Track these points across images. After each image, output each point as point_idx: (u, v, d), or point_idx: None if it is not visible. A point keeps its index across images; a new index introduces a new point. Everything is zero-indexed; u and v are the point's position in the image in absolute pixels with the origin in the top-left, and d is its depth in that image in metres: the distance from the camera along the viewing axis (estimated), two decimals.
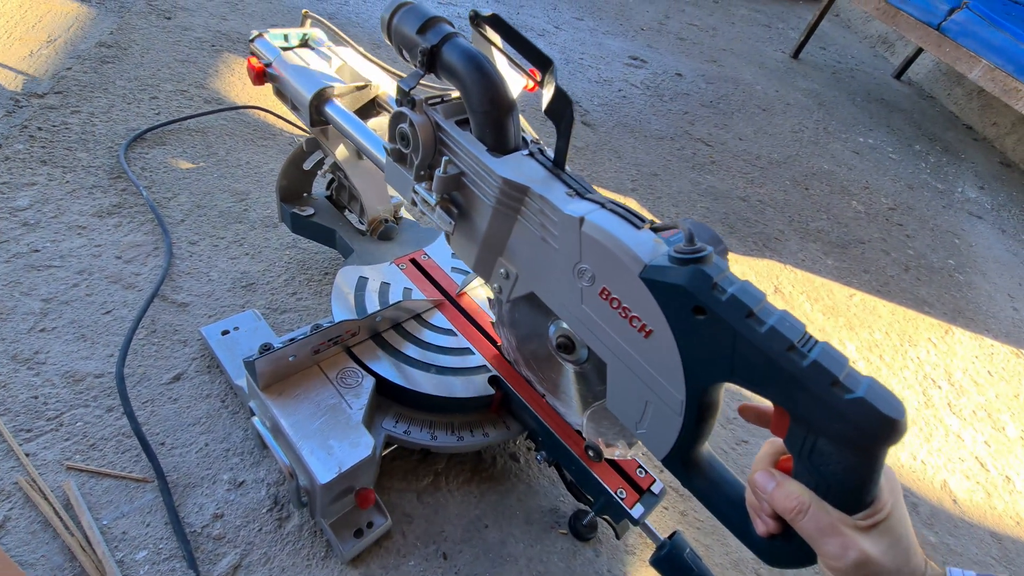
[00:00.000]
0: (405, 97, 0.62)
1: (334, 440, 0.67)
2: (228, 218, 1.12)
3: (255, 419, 0.68)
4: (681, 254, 0.44)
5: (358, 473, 0.67)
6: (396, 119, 0.64)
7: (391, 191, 0.98)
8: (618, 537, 0.77)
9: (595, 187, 0.56)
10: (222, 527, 0.70)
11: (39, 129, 1.17)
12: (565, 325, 0.61)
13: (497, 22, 0.59)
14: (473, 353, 0.82)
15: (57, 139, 1.16)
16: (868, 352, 1.33)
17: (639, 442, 0.64)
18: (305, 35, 0.93)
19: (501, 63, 0.64)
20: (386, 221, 0.98)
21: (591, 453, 0.69)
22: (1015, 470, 1.16)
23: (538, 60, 0.54)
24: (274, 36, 0.90)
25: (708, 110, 2.21)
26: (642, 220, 0.50)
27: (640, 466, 0.74)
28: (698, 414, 0.48)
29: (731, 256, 1.49)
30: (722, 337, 0.42)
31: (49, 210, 1.02)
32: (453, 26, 0.62)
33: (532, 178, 0.56)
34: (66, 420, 0.75)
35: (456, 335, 0.84)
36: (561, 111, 0.53)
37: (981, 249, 1.89)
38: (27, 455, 0.70)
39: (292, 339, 0.70)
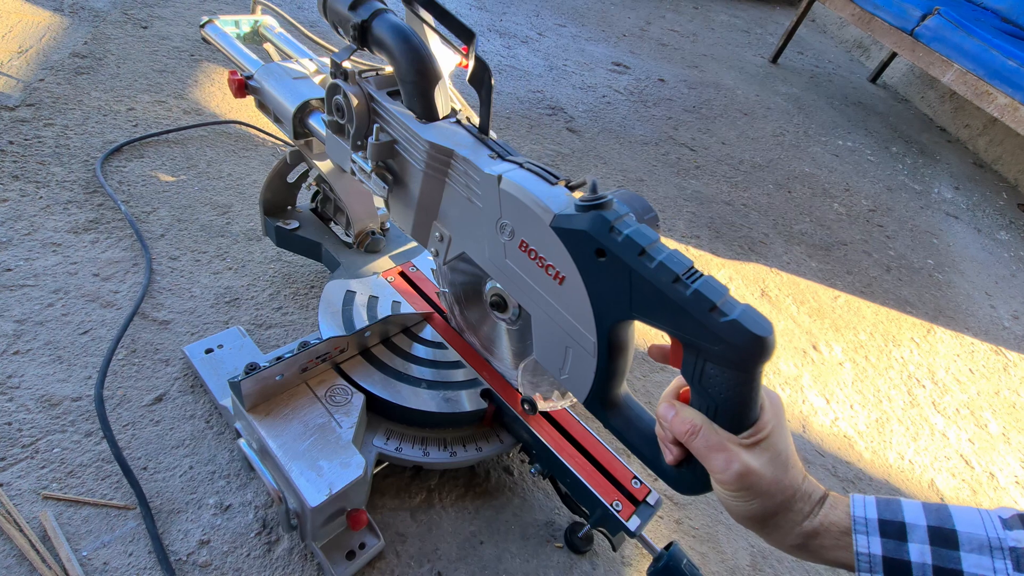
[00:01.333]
0: (339, 69, 0.66)
1: (324, 461, 0.65)
2: (210, 232, 1.09)
3: (241, 441, 0.66)
4: (584, 202, 0.48)
5: (349, 494, 0.65)
6: (332, 91, 0.68)
7: (378, 202, 0.96)
8: (615, 549, 0.76)
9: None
10: (208, 554, 0.67)
11: (10, 143, 1.13)
12: (497, 284, 0.65)
13: (425, 0, 0.63)
14: (464, 366, 0.81)
15: (29, 153, 1.13)
16: (854, 353, 1.35)
17: (568, 391, 0.66)
18: (257, 22, 0.94)
19: (434, 41, 0.69)
20: (373, 233, 0.97)
21: (526, 407, 0.71)
22: (998, 466, 1.18)
23: (461, 32, 0.59)
24: (224, 22, 0.91)
25: (691, 115, 2.23)
26: (556, 177, 0.54)
27: (635, 477, 0.73)
28: (610, 353, 0.52)
29: (718, 259, 1.51)
30: (621, 275, 0.46)
31: (22, 227, 0.98)
32: (384, 3, 0.65)
33: (457, 143, 0.60)
34: (42, 447, 0.72)
35: (447, 348, 0.83)
36: (481, 78, 0.57)
37: (958, 248, 1.93)
38: (1, 485, 0.67)
39: (279, 357, 0.68)
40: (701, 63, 2.75)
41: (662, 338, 0.46)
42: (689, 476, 0.50)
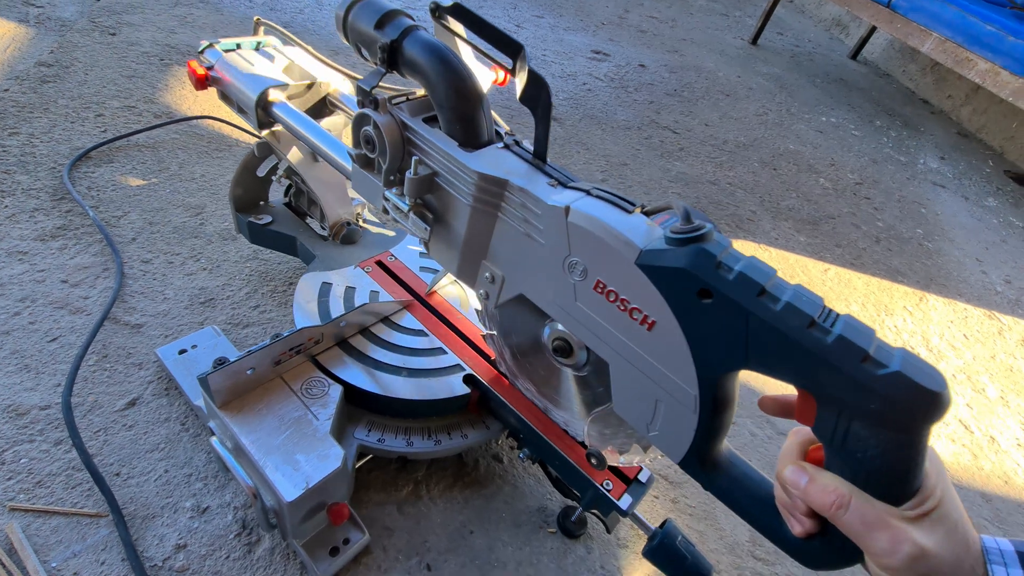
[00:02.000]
0: (367, 97, 0.58)
1: (300, 454, 0.63)
2: (183, 233, 1.07)
3: (214, 439, 0.64)
4: (679, 234, 0.41)
5: (328, 487, 0.63)
6: (359, 122, 0.60)
7: (352, 193, 0.94)
8: (608, 531, 0.74)
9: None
10: (186, 558, 0.65)
11: None
12: (560, 326, 0.57)
13: (460, 11, 0.56)
14: (446, 352, 0.78)
15: None
16: None
17: (652, 446, 0.60)
18: (260, 43, 0.89)
19: (467, 55, 0.60)
20: (348, 224, 0.95)
21: (593, 461, 0.64)
22: (998, 430, 1.16)
23: (507, 46, 0.51)
24: (225, 45, 0.86)
25: (673, 99, 2.22)
26: (632, 204, 0.47)
27: None
28: (713, 409, 0.44)
29: None
30: (733, 320, 0.39)
31: None
32: (413, 19, 0.58)
33: (510, 171, 0.52)
34: (8, 458, 0.69)
35: (428, 335, 0.80)
36: (536, 96, 0.50)
37: (947, 217, 1.92)
38: None
39: (250, 352, 0.66)
40: (681, 47, 2.74)
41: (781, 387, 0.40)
42: (824, 549, 0.42)
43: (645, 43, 2.68)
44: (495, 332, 0.67)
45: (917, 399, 0.33)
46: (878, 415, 0.34)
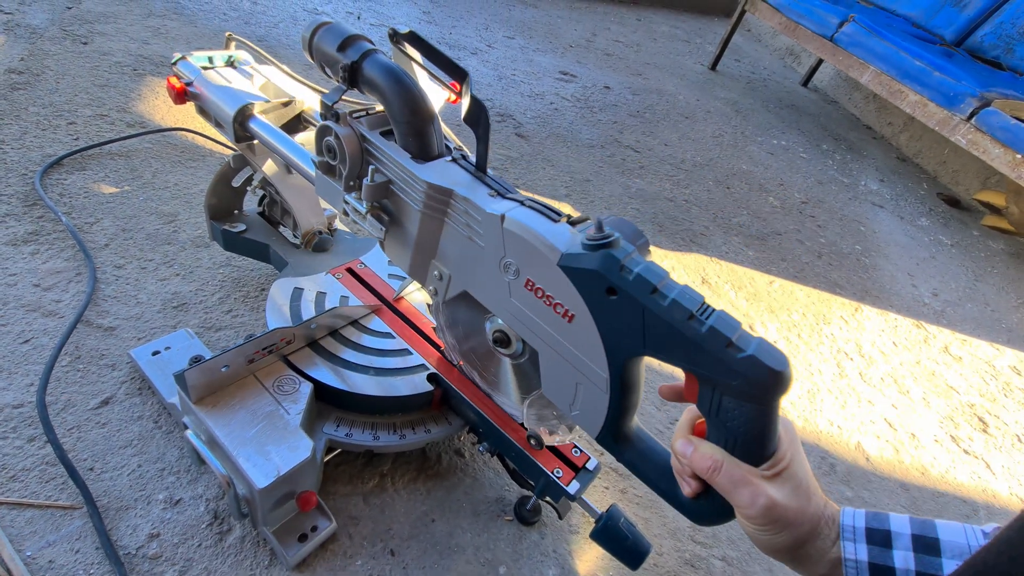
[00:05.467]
0: (329, 111, 0.65)
1: (271, 446, 0.67)
2: (156, 240, 1.10)
3: (189, 432, 0.68)
4: (592, 240, 0.48)
5: (298, 477, 0.67)
6: (322, 132, 0.67)
7: (324, 203, 0.99)
8: (560, 517, 0.81)
9: (531, 194, 0.60)
10: (159, 546, 0.68)
11: None
12: (500, 320, 0.65)
13: (414, 38, 0.63)
14: (411, 353, 0.84)
15: None
16: (788, 332, 1.44)
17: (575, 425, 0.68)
18: (231, 56, 0.94)
19: (422, 78, 0.68)
20: (320, 233, 1.00)
21: (533, 442, 0.73)
22: (918, 427, 1.28)
23: (454, 71, 0.58)
24: (198, 59, 0.91)
25: (635, 119, 2.34)
26: (559, 214, 0.54)
27: (575, 446, 0.78)
28: (622, 389, 0.52)
29: (661, 251, 1.59)
30: (633, 313, 0.46)
31: None
32: (372, 43, 0.65)
33: (456, 182, 0.59)
34: None
35: (394, 337, 0.86)
36: (478, 117, 0.56)
37: (883, 235, 2.08)
38: None
39: (225, 350, 0.70)
40: (644, 71, 2.88)
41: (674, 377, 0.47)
42: (708, 507, 0.49)
43: (611, 66, 2.81)
44: (444, 325, 0.74)
45: (767, 377, 0.41)
46: (740, 390, 0.42)
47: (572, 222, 0.54)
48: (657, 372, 1.15)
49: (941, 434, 1.29)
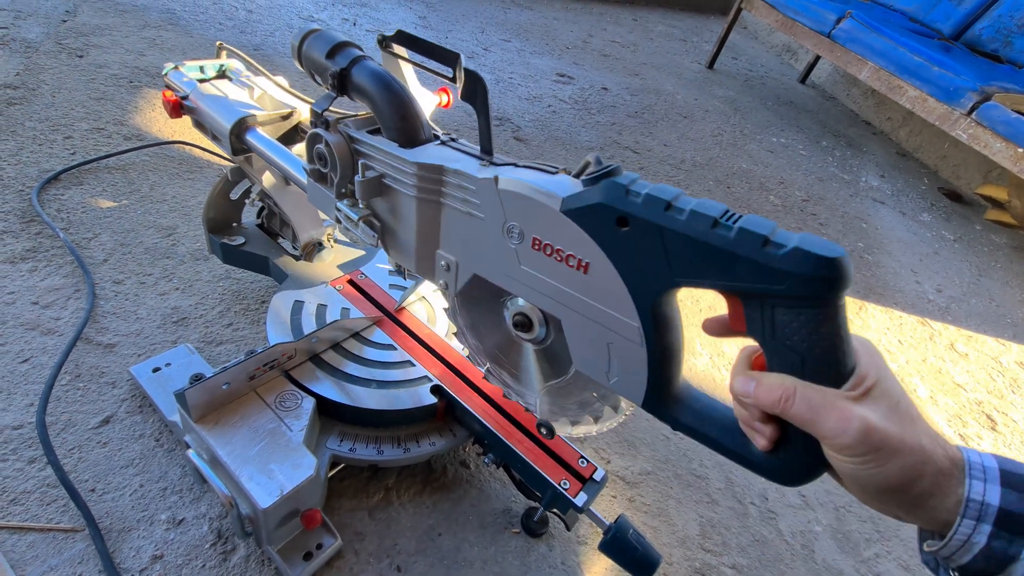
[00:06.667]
0: (319, 119, 0.64)
1: (275, 464, 0.67)
2: (155, 254, 1.09)
3: (190, 451, 0.67)
4: (591, 175, 0.44)
5: (302, 494, 0.67)
6: (312, 140, 0.66)
7: (323, 214, 0.98)
8: (568, 529, 0.80)
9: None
10: (162, 568, 0.67)
11: None
12: (520, 302, 0.61)
13: (402, 35, 0.63)
14: (415, 365, 0.83)
15: None
16: None
17: (604, 417, 0.62)
18: (222, 66, 0.94)
19: (412, 82, 0.68)
20: (320, 244, 0.99)
21: (543, 431, 0.68)
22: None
23: (445, 57, 0.57)
24: (189, 68, 0.90)
25: (634, 120, 2.33)
26: (555, 167, 0.51)
27: (582, 456, 0.77)
28: (657, 336, 0.45)
29: None
30: (651, 238, 0.41)
31: None
32: (362, 50, 0.65)
33: (445, 158, 0.58)
34: None
35: (396, 349, 0.85)
36: (474, 90, 0.54)
37: (885, 231, 2.07)
38: None
39: (226, 368, 0.70)
40: (642, 71, 2.88)
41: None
42: (791, 459, 0.41)
43: (608, 67, 2.80)
44: (463, 326, 0.70)
45: (820, 268, 0.34)
46: (792, 294, 0.36)
47: (574, 174, 0.51)
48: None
49: (950, 433, 1.27)
